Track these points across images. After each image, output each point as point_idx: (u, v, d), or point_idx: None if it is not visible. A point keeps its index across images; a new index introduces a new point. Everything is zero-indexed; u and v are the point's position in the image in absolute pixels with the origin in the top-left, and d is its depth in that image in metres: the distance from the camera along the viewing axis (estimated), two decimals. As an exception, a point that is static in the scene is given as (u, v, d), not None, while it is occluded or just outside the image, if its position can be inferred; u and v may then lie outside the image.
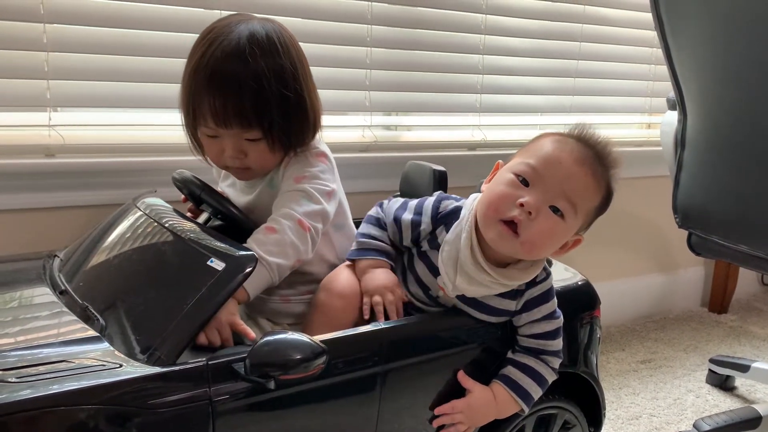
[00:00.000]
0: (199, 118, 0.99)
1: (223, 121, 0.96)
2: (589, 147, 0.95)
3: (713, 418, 1.42)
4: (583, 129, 0.98)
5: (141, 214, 0.98)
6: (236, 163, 1.01)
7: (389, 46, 1.55)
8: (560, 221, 0.92)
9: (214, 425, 0.76)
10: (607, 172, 0.96)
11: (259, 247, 0.91)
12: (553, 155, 0.93)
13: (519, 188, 0.92)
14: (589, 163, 0.93)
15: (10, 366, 0.72)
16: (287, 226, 0.95)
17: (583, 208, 0.94)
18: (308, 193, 0.99)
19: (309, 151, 1.04)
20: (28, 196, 1.21)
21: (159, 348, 0.76)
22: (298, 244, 0.95)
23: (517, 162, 0.95)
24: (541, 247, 0.93)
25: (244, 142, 0.99)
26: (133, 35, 1.27)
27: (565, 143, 0.95)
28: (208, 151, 1.03)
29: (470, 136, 1.73)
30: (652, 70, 2.03)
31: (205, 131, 1.00)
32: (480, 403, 0.97)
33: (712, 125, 1.29)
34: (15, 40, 1.18)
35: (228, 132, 0.98)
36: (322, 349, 0.78)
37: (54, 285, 0.93)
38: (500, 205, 0.91)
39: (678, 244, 1.95)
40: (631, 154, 2.02)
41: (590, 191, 0.94)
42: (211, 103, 0.95)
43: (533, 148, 0.96)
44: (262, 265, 0.90)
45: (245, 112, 0.96)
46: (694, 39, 1.25)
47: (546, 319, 0.99)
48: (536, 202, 0.90)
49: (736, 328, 2.14)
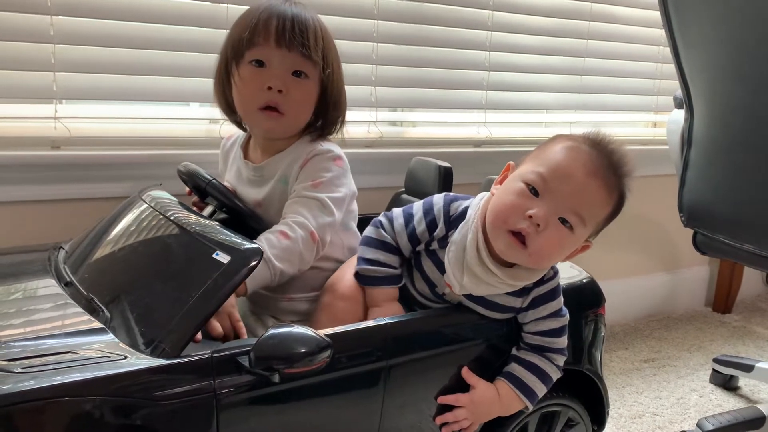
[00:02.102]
0: (255, 39, 0.99)
1: (288, 39, 0.98)
2: (603, 156, 0.92)
3: (717, 418, 1.42)
4: (598, 135, 0.95)
5: (146, 206, 0.98)
6: (273, 99, 1.01)
7: (396, 42, 1.55)
8: (569, 233, 0.91)
9: (219, 418, 0.76)
10: (620, 180, 0.94)
11: (270, 250, 0.92)
12: (566, 166, 0.90)
13: (529, 198, 0.90)
14: (601, 175, 0.91)
15: (15, 356, 0.72)
16: (300, 236, 0.96)
17: (592, 220, 0.92)
18: (324, 204, 1.01)
19: (327, 155, 1.05)
20: (34, 188, 1.21)
21: (163, 340, 0.76)
22: (305, 254, 0.97)
23: (528, 169, 0.92)
24: (549, 258, 0.93)
25: (290, 76, 1.01)
26: (140, 28, 1.27)
27: (579, 152, 0.92)
28: (248, 84, 1.02)
29: (476, 132, 1.73)
30: (659, 69, 2.03)
31: (255, 55, 1.00)
32: (484, 399, 0.97)
33: (720, 124, 1.28)
34: (22, 32, 1.18)
35: (283, 56, 0.99)
36: (327, 343, 0.77)
37: (59, 277, 0.93)
38: (509, 216, 0.90)
39: (682, 244, 1.95)
40: (636, 153, 2.00)
41: (601, 203, 0.93)
42: (280, 21, 0.98)
43: (545, 154, 0.93)
44: (267, 267, 0.92)
45: (308, 38, 1.00)
46: (702, 37, 1.24)
47: (552, 316, 0.99)
48: (545, 215, 0.88)
49: (740, 328, 2.13)
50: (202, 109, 1.42)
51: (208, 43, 1.28)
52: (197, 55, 1.30)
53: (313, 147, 1.05)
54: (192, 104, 1.42)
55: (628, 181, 0.95)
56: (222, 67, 1.05)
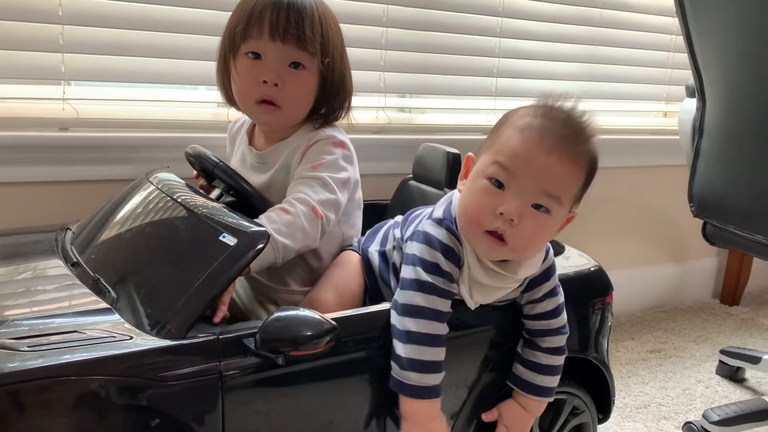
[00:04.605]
0: (250, 32, 0.98)
1: (282, 32, 0.97)
2: (559, 126, 0.84)
3: (723, 409, 1.41)
4: (547, 103, 0.87)
5: (154, 188, 0.98)
6: (269, 93, 1.00)
7: (405, 27, 1.54)
8: (547, 216, 0.85)
9: (224, 399, 0.76)
10: (585, 145, 0.86)
11: (270, 224, 0.90)
12: (523, 150, 0.84)
13: (495, 194, 0.84)
14: (563, 148, 0.84)
15: (22, 335, 0.73)
16: (301, 210, 0.94)
17: (567, 195, 0.86)
18: (324, 182, 0.99)
19: (328, 140, 1.04)
20: (41, 169, 1.21)
21: (170, 321, 0.76)
22: (309, 229, 0.95)
23: (486, 162, 0.86)
24: (534, 247, 0.89)
25: (287, 69, 0.99)
26: (149, 10, 1.26)
27: (532, 130, 0.84)
28: (244, 78, 1.01)
29: (485, 120, 1.71)
30: (671, 58, 2.01)
31: (250, 47, 0.99)
32: (513, 419, 0.98)
33: (732, 113, 1.27)
34: (30, 12, 1.18)
35: (278, 49, 0.98)
36: (333, 326, 0.77)
37: (66, 257, 0.94)
38: (480, 218, 0.85)
39: (691, 234, 1.94)
40: (646, 143, 2.00)
41: (572, 177, 0.86)
42: (274, 13, 0.97)
43: (500, 141, 0.87)
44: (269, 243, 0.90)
45: (304, 29, 0.98)
46: (716, 25, 1.23)
47: (547, 296, 0.97)
48: (516, 208, 0.83)
49: (748, 320, 2.12)
50: (210, 93, 1.41)
51: (218, 25, 1.27)
52: (206, 37, 1.29)
53: (315, 134, 1.04)
54: (200, 87, 1.41)
55: (595, 142, 0.87)
56: (221, 57, 1.04)
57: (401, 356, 0.84)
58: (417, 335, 0.84)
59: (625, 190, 1.96)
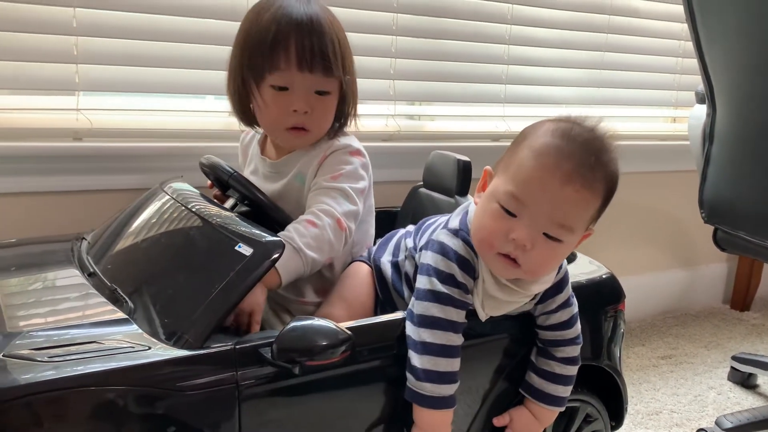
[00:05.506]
0: (276, 63, 0.97)
1: (309, 62, 0.97)
2: (577, 150, 0.81)
3: (736, 416, 1.41)
4: (568, 123, 0.85)
5: (168, 198, 0.99)
6: (299, 121, 1.01)
7: (415, 35, 1.54)
8: (559, 244, 0.84)
9: (240, 409, 0.76)
10: (605, 170, 0.83)
11: (300, 239, 0.91)
12: (537, 178, 0.81)
13: (507, 220, 0.83)
14: (579, 177, 0.81)
15: (40, 346, 0.73)
16: (327, 223, 0.95)
17: (580, 223, 0.85)
18: (346, 193, 1.00)
19: (345, 150, 1.05)
20: (56, 179, 1.22)
21: (187, 331, 0.76)
22: (335, 242, 0.96)
23: (500, 187, 0.85)
24: (547, 270, 0.89)
25: (314, 95, 1.00)
26: (162, 21, 1.27)
27: (548, 155, 0.81)
28: (273, 108, 1.01)
29: (495, 127, 1.72)
30: (679, 63, 2.01)
31: (277, 81, 0.99)
32: (524, 427, 0.98)
33: (743, 119, 1.27)
34: (45, 24, 1.19)
35: (305, 79, 0.99)
36: (348, 336, 0.78)
37: (82, 267, 0.94)
38: (493, 241, 0.84)
39: (701, 240, 1.93)
40: (655, 148, 2.00)
41: (586, 205, 0.84)
42: (299, 41, 0.97)
43: (515, 163, 0.84)
44: (300, 257, 0.91)
45: (329, 56, 0.98)
46: (726, 31, 1.23)
47: (561, 308, 0.97)
48: (528, 235, 0.82)
49: (759, 326, 2.11)
50: (221, 102, 1.42)
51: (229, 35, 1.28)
52: (218, 47, 1.30)
53: (330, 143, 1.05)
54: (208, 97, 1.42)
55: (615, 162, 0.85)
56: (238, 80, 1.03)
57: (417, 367, 0.84)
58: (433, 346, 0.84)
59: (634, 195, 1.96)
